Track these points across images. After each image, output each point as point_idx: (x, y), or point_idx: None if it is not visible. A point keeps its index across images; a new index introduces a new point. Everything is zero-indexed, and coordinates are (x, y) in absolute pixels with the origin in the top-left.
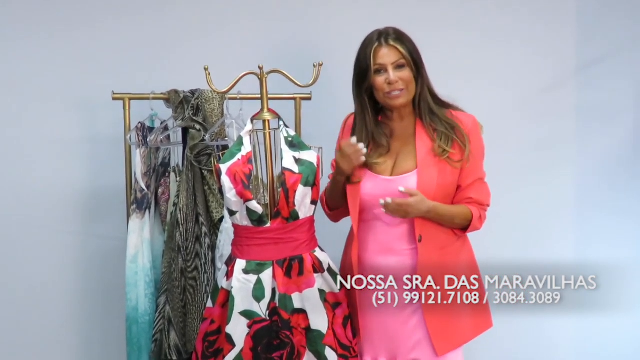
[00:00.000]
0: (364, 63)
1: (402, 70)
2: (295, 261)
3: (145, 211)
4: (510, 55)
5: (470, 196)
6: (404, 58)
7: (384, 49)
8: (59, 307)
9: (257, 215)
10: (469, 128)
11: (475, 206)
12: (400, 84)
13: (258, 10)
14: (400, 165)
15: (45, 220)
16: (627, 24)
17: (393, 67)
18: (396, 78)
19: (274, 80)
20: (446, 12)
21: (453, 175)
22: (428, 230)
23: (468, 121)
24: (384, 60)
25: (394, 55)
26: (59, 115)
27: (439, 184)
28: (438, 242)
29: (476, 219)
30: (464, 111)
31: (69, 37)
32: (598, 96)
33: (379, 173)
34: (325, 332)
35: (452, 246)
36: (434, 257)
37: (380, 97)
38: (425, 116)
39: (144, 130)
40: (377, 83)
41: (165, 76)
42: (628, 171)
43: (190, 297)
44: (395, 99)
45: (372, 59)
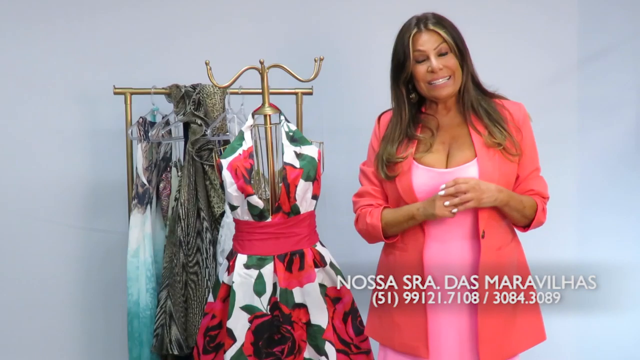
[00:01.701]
0: (401, 52)
1: (446, 57)
2: (296, 256)
3: (146, 206)
4: (511, 48)
5: (532, 188)
6: (447, 43)
7: (424, 35)
8: (60, 301)
9: (258, 210)
10: (520, 118)
11: (539, 198)
12: (445, 72)
13: (259, 5)
14: (455, 156)
15: (46, 214)
16: (629, 18)
17: (435, 53)
18: (440, 65)
19: (275, 75)
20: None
21: (512, 168)
22: (491, 226)
23: (518, 111)
24: (425, 46)
25: (435, 41)
26: (60, 110)
27: (501, 172)
28: (496, 241)
29: (540, 211)
30: (509, 99)
31: (70, 31)
32: (600, 90)
33: (430, 165)
34: (325, 327)
35: (508, 246)
36: (493, 256)
37: (424, 89)
38: (471, 108)
39: (146, 124)
40: (419, 73)
41: (166, 71)
42: (630, 164)
43: (191, 292)
44: (441, 88)
45: (410, 46)
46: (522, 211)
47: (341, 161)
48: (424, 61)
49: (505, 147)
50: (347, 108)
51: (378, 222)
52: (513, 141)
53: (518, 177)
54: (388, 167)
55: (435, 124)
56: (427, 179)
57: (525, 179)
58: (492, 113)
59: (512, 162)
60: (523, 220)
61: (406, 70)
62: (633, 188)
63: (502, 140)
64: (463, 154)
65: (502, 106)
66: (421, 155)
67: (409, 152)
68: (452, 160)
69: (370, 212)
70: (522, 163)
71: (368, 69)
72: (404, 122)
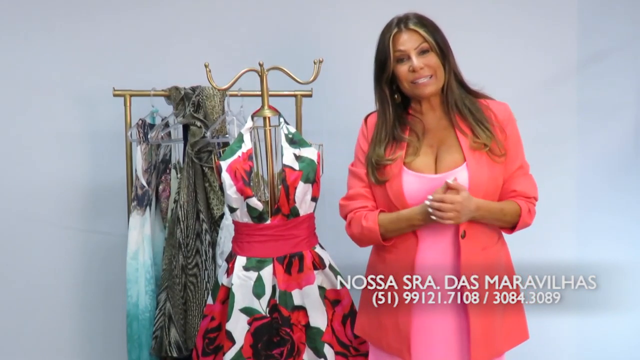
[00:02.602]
0: (382, 52)
1: (427, 56)
2: (295, 258)
3: (145, 208)
4: (511, 51)
5: (514, 189)
6: (427, 42)
7: (404, 34)
8: (59, 303)
9: (257, 212)
10: (505, 118)
11: (522, 199)
12: (427, 70)
13: (258, 7)
14: (444, 160)
15: (46, 216)
16: (628, 21)
17: (416, 52)
18: (421, 64)
19: (274, 77)
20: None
21: (499, 170)
22: (472, 227)
23: (503, 111)
24: (406, 46)
25: (416, 40)
26: (60, 112)
27: (489, 176)
28: (480, 242)
29: (525, 213)
30: (494, 99)
31: (69, 33)
32: (599, 92)
33: (420, 171)
34: (324, 329)
35: (493, 247)
36: (476, 257)
37: (407, 88)
38: (455, 107)
39: (145, 126)
40: (401, 72)
41: (166, 73)
42: (629, 167)
43: (190, 294)
44: (423, 87)
45: (391, 46)
46: (502, 219)
47: (340, 163)
48: (405, 60)
49: (490, 149)
50: (346, 110)
51: (375, 225)
52: (497, 142)
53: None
54: (378, 170)
55: (421, 127)
56: (418, 185)
57: (509, 178)
58: (476, 112)
59: (498, 163)
60: (506, 225)
61: (387, 70)
62: (632, 190)
63: (487, 141)
64: (452, 158)
65: (487, 107)
66: (410, 160)
67: (398, 155)
68: (441, 164)
69: (365, 216)
70: (507, 162)
71: (367, 71)
72: (389, 122)
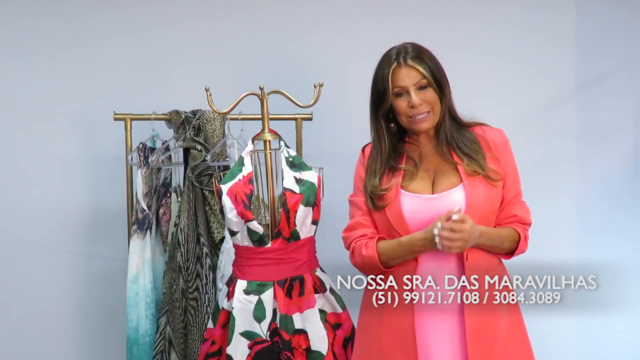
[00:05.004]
0: (381, 85)
1: (425, 92)
2: (296, 281)
3: (146, 231)
4: (510, 74)
5: (514, 213)
6: (425, 78)
7: (403, 70)
8: (59, 327)
9: (257, 236)
10: (499, 143)
11: (519, 226)
12: (425, 107)
13: (259, 31)
14: (441, 182)
15: (46, 240)
16: (626, 43)
17: (415, 88)
18: (419, 100)
19: (274, 101)
20: (445, 31)
21: (496, 192)
22: (474, 252)
23: (498, 137)
24: (405, 82)
25: (415, 77)
26: (60, 136)
27: (486, 197)
28: (482, 266)
29: (523, 240)
30: (489, 125)
31: (70, 57)
32: (598, 115)
33: (417, 192)
34: (326, 353)
35: (495, 270)
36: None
37: (404, 122)
38: (445, 141)
39: (145, 150)
40: (400, 107)
41: (166, 97)
42: (629, 189)
43: (191, 318)
44: (421, 122)
45: (390, 81)
46: (500, 247)
47: (341, 187)
48: (404, 95)
49: (486, 175)
50: (346, 134)
51: (374, 252)
52: (490, 170)
53: (503, 200)
54: (374, 198)
55: (418, 154)
56: (416, 206)
57: (508, 203)
58: (465, 147)
59: (495, 187)
60: (503, 251)
61: (385, 104)
62: (632, 210)
63: (480, 170)
64: (449, 180)
65: (482, 134)
66: (407, 184)
67: (393, 182)
68: (438, 186)
69: (365, 244)
70: (506, 187)
71: (367, 95)
72: (384, 153)
